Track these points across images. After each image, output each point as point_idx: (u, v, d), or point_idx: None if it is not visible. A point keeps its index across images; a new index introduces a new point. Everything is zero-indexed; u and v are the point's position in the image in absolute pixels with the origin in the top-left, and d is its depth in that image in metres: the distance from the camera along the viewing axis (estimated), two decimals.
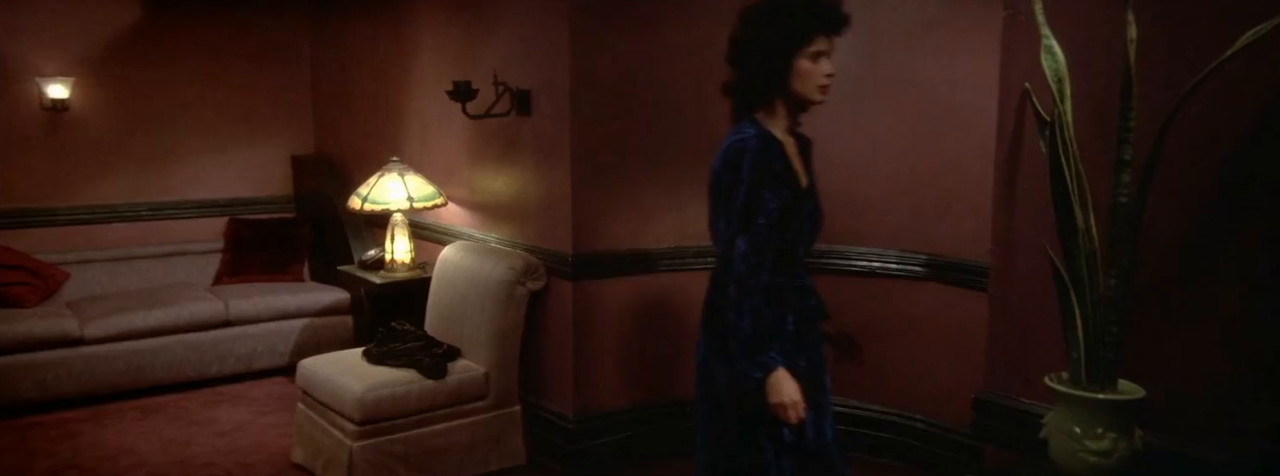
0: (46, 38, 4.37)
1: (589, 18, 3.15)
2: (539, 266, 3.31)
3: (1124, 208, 1.75)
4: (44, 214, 4.44)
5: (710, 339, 2.08)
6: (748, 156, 1.92)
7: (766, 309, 1.94)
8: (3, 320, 3.79)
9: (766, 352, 1.92)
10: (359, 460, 2.97)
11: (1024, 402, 2.15)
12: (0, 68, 4.28)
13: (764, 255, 1.93)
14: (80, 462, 3.31)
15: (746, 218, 1.92)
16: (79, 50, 4.45)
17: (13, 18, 4.28)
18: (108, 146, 4.57)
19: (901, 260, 3.23)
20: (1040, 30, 1.89)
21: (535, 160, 3.39)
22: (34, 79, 4.35)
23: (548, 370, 3.39)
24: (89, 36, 4.47)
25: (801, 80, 1.96)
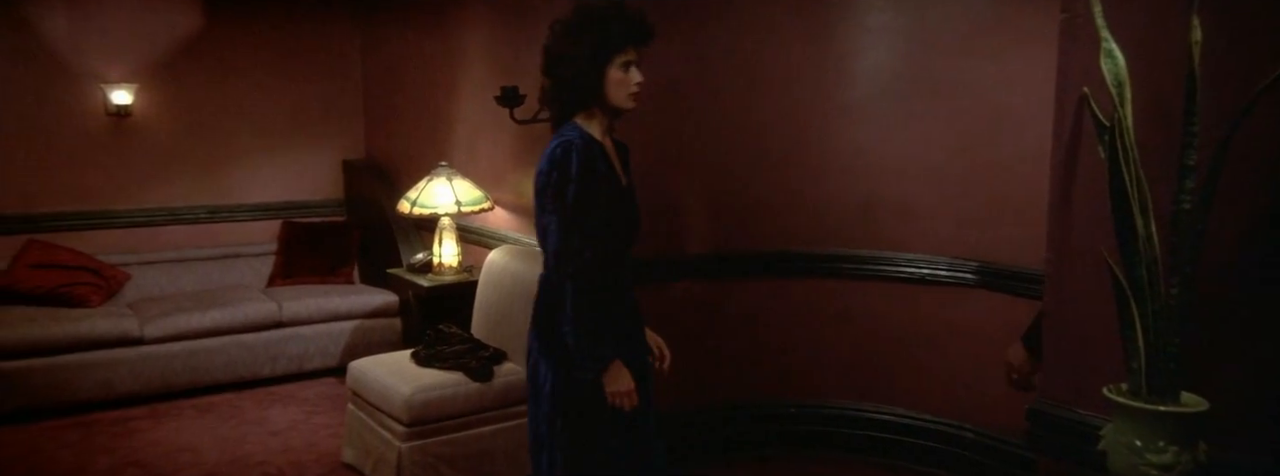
0: (112, 46, 4.51)
1: None
2: None
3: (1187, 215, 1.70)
4: (107, 216, 4.58)
5: (541, 340, 2.12)
6: (575, 155, 1.97)
7: (601, 305, 2.01)
8: (68, 319, 3.92)
9: (602, 347, 2.00)
10: (408, 461, 3.01)
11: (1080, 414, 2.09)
12: (68, 75, 4.43)
13: (597, 252, 1.99)
14: (139, 459, 3.41)
15: (579, 215, 1.97)
16: (142, 58, 4.59)
17: (81, 27, 4.43)
18: (167, 151, 4.70)
19: (951, 267, 3.17)
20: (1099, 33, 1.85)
21: None
22: (99, 86, 4.50)
23: None
24: (151, 45, 4.61)
25: (614, 89, 2.03)
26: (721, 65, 3.32)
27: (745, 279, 3.40)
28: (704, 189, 3.35)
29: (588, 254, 1.97)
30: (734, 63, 3.33)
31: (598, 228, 2.00)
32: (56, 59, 4.39)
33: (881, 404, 3.36)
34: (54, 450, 3.48)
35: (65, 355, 3.84)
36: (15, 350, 3.74)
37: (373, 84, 5.17)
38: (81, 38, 4.44)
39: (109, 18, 4.49)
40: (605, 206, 2.02)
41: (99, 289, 4.25)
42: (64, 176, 4.47)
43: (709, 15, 3.30)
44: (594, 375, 2.02)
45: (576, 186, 1.96)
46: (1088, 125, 2.02)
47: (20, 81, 4.33)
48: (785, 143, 3.38)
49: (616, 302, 2.11)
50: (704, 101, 3.30)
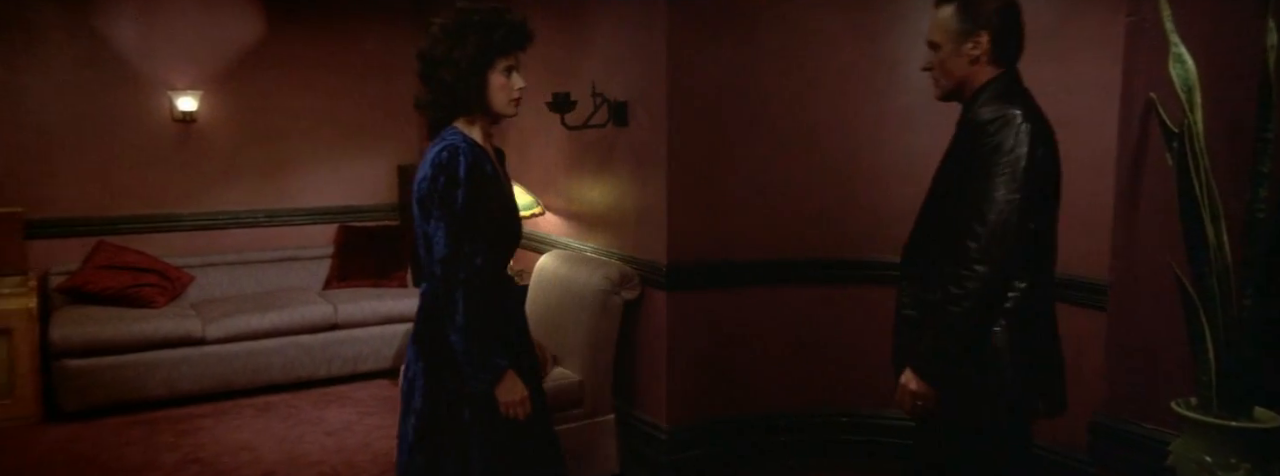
0: (178, 54, 4.66)
1: (685, 30, 3.16)
2: (634, 276, 3.33)
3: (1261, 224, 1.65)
4: (172, 219, 4.73)
5: (422, 353, 2.03)
6: (462, 158, 1.90)
7: (492, 314, 1.95)
8: (136, 319, 4.05)
9: (496, 355, 1.93)
10: None
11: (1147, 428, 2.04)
12: (137, 82, 4.59)
13: (488, 257, 1.94)
14: (202, 456, 3.50)
15: (468, 221, 1.90)
16: (207, 66, 4.73)
17: (150, 37, 4.59)
18: (229, 156, 4.83)
19: None
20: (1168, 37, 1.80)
21: (631, 171, 3.42)
22: (166, 93, 4.65)
23: (641, 380, 3.41)
24: (216, 53, 4.75)
25: (496, 95, 1.99)
26: (773, 70, 3.31)
27: (798, 286, 3.38)
28: (755, 194, 3.33)
29: (478, 260, 1.90)
30: (785, 67, 3.31)
31: (487, 233, 1.93)
32: (127, 67, 4.55)
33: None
34: (122, 446, 3.60)
35: (132, 354, 3.96)
36: (86, 349, 3.87)
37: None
38: (150, 46, 4.60)
39: (176, 27, 4.64)
40: (496, 212, 1.98)
41: (164, 290, 4.39)
42: (132, 180, 4.63)
43: (759, 20, 3.28)
44: (487, 386, 1.93)
45: (465, 191, 1.89)
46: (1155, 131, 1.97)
47: (93, 89, 4.50)
48: (838, 148, 3.35)
49: (506, 309, 2.06)
50: (755, 106, 3.29)
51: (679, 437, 3.27)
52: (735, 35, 3.24)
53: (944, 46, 1.97)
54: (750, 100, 3.28)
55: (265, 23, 4.81)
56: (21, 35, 4.32)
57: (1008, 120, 1.85)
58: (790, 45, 3.29)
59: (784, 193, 3.36)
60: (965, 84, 1.98)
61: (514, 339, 2.08)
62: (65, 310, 4.15)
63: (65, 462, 3.43)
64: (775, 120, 3.32)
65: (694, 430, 3.30)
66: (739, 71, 3.25)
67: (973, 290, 1.81)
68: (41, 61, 4.37)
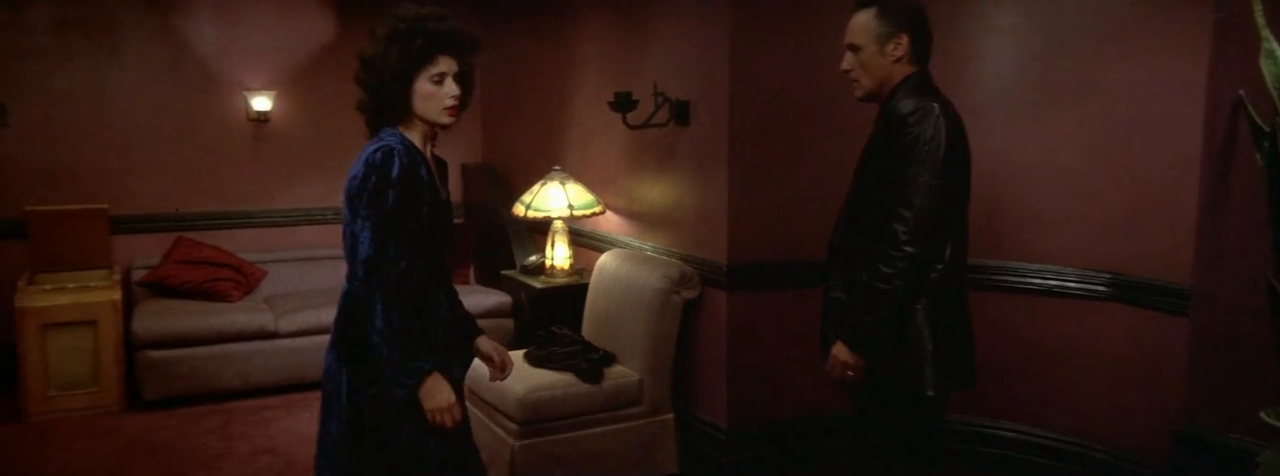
0: (254, 56, 4.81)
1: (749, 28, 3.14)
2: (694, 275, 3.32)
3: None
4: (247, 216, 4.89)
5: (347, 361, 1.95)
6: (396, 159, 1.85)
7: (416, 318, 1.88)
8: (212, 313, 4.20)
9: (418, 360, 1.86)
10: (521, 459, 3.08)
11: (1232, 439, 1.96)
12: (214, 83, 4.75)
13: (414, 261, 1.88)
14: (274, 446, 3.61)
15: (397, 223, 1.85)
16: (280, 67, 4.88)
17: (227, 39, 4.74)
18: (300, 155, 4.97)
19: (1082, 279, 3.01)
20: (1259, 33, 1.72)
21: (692, 170, 3.41)
22: (242, 93, 4.80)
23: (701, 379, 3.40)
24: (289, 54, 4.89)
25: (422, 103, 1.91)
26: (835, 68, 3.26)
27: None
28: (820, 195, 3.29)
29: (402, 265, 1.85)
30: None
31: (415, 238, 1.88)
32: (205, 68, 4.72)
33: (1001, 419, 3.23)
34: (200, 435, 3.73)
35: (208, 346, 4.10)
36: (165, 340, 4.03)
37: (490, 90, 5.32)
38: (227, 48, 4.76)
39: (251, 29, 4.79)
40: (425, 216, 1.90)
41: (239, 285, 4.53)
42: (209, 178, 4.79)
43: (824, 17, 3.24)
44: (409, 391, 1.86)
45: (395, 193, 1.84)
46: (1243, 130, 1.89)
47: (173, 90, 4.67)
48: None
49: (433, 315, 1.97)
50: (820, 105, 3.25)
51: (738, 438, 3.25)
52: (799, 32, 3.20)
53: (866, 48, 2.12)
54: (815, 98, 3.25)
55: (335, 24, 4.94)
56: (109, 39, 4.51)
57: (927, 112, 2.01)
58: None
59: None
60: (885, 83, 2.13)
61: (442, 343, 1.98)
62: (146, 303, 4.32)
63: (147, 449, 3.57)
64: (841, 119, 3.27)
65: (754, 431, 3.28)
66: (803, 69, 3.22)
67: (902, 269, 1.99)
68: (127, 63, 4.56)
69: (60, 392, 3.93)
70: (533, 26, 4.77)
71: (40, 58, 4.39)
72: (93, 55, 4.49)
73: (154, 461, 3.45)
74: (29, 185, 4.39)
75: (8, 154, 4.36)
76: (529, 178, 4.36)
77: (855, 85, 2.17)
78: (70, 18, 4.42)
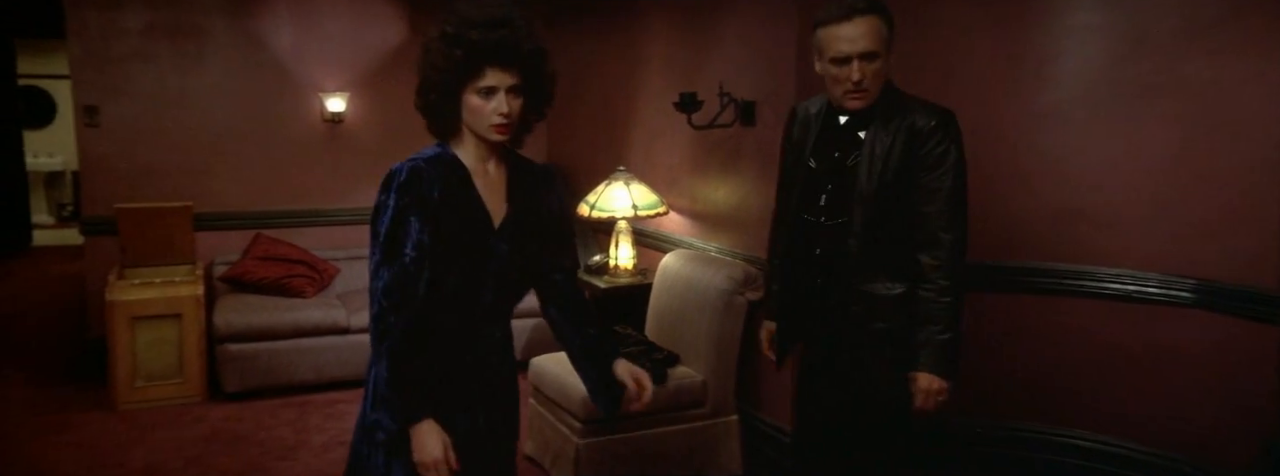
0: (329, 58, 4.95)
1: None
2: (758, 277, 3.31)
3: None
4: (321, 215, 5.04)
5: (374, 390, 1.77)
6: (395, 180, 1.70)
7: (411, 353, 1.69)
8: (288, 308, 4.34)
9: (406, 402, 1.68)
10: (585, 457, 3.11)
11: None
12: (292, 85, 4.90)
13: (408, 292, 1.68)
14: (346, 439, 3.70)
15: (391, 249, 1.68)
16: (354, 69, 5.01)
17: (304, 42, 4.89)
18: (372, 155, 5.09)
19: (1163, 284, 2.91)
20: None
21: (757, 171, 3.40)
22: (317, 94, 4.95)
23: (766, 382, 3.38)
24: (362, 57, 5.02)
25: (471, 117, 1.74)
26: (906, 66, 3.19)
27: None
28: None
29: (396, 296, 1.68)
30: (919, 64, 3.20)
31: (413, 265, 1.69)
32: (283, 71, 4.88)
33: (1076, 428, 3.13)
34: (276, 426, 3.87)
35: (284, 341, 4.24)
36: (245, 335, 4.18)
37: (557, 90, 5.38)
38: (304, 51, 4.91)
39: (328, 32, 4.94)
40: (429, 241, 1.70)
41: (313, 281, 4.68)
42: (286, 177, 4.95)
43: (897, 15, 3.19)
44: (391, 434, 1.70)
45: (391, 215, 1.68)
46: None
47: (253, 91, 4.84)
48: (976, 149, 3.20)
49: (446, 353, 1.77)
50: None
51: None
52: None
53: (883, 56, 2.08)
54: None
55: (407, 27, 5.05)
56: (193, 42, 4.70)
57: (952, 121, 2.07)
58: (924, 40, 3.18)
59: None
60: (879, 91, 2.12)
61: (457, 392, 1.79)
62: (227, 298, 4.49)
63: (228, 439, 3.72)
64: None
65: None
66: None
67: (959, 281, 2.04)
68: (210, 66, 4.74)
69: (147, 383, 4.11)
70: (597, 28, 4.81)
71: (130, 61, 4.59)
72: (178, 59, 4.68)
73: (234, 451, 3.59)
74: (119, 184, 4.60)
75: (100, 154, 4.58)
76: (593, 178, 4.40)
77: (862, 95, 2.09)
78: (159, 23, 4.61)
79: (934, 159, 2.03)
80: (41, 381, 4.48)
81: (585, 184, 4.68)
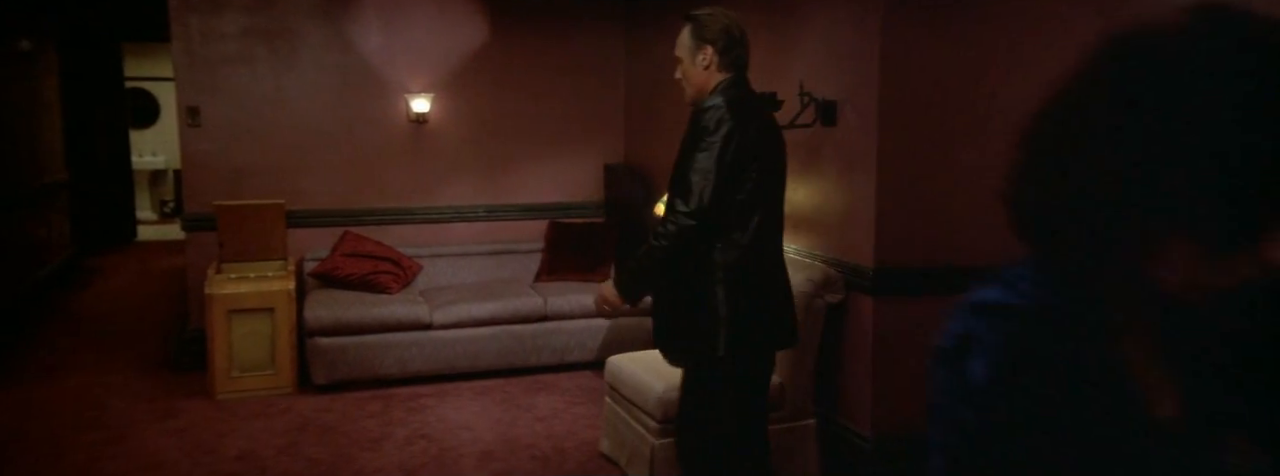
0: (415, 60, 5.08)
1: (901, 24, 3.04)
2: (838, 279, 3.26)
3: None
4: (406, 213, 5.17)
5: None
6: None
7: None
8: (374, 304, 4.47)
9: None
10: (660, 457, 3.12)
11: None
12: (380, 86, 5.05)
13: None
14: (428, 433, 3.82)
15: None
16: (438, 70, 5.13)
17: (391, 44, 5.03)
18: (455, 155, 5.21)
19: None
20: None
21: (837, 171, 3.34)
22: (403, 96, 5.08)
23: (845, 386, 3.33)
24: (446, 59, 5.13)
25: None
26: (998, 64, 3.11)
27: None
28: (976, 198, 3.15)
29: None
30: (1013, 62, 3.11)
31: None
32: (371, 73, 5.02)
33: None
34: (362, 418, 3.99)
35: (370, 335, 4.37)
36: (333, 329, 4.32)
37: (634, 91, 5.41)
38: (391, 53, 5.04)
39: (414, 35, 5.06)
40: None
41: (398, 278, 4.81)
42: (372, 176, 5.10)
43: (984, 10, 3.09)
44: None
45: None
46: None
47: (342, 92, 5.00)
48: None
49: None
50: (978, 104, 3.11)
51: (884, 448, 3.17)
52: (955, 28, 3.08)
53: (683, 60, 2.56)
54: (972, 97, 3.11)
55: (489, 29, 5.14)
56: (287, 45, 4.88)
57: (715, 108, 2.39)
58: (1018, 38, 3.08)
59: None
60: (701, 88, 2.52)
61: None
62: (316, 293, 4.65)
63: (317, 429, 3.85)
64: (1001, 118, 3.12)
65: (901, 441, 3.18)
66: (959, 67, 3.09)
67: (671, 234, 2.37)
68: (302, 68, 4.91)
69: (242, 374, 4.29)
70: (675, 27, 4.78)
71: (229, 64, 4.79)
72: (274, 61, 4.86)
73: (323, 441, 3.72)
74: (218, 182, 4.81)
75: (201, 153, 4.79)
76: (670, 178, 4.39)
77: (684, 92, 2.57)
78: (255, 27, 4.80)
79: (691, 136, 2.41)
80: (148, 369, 4.73)
81: (663, 184, 4.68)
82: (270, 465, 3.45)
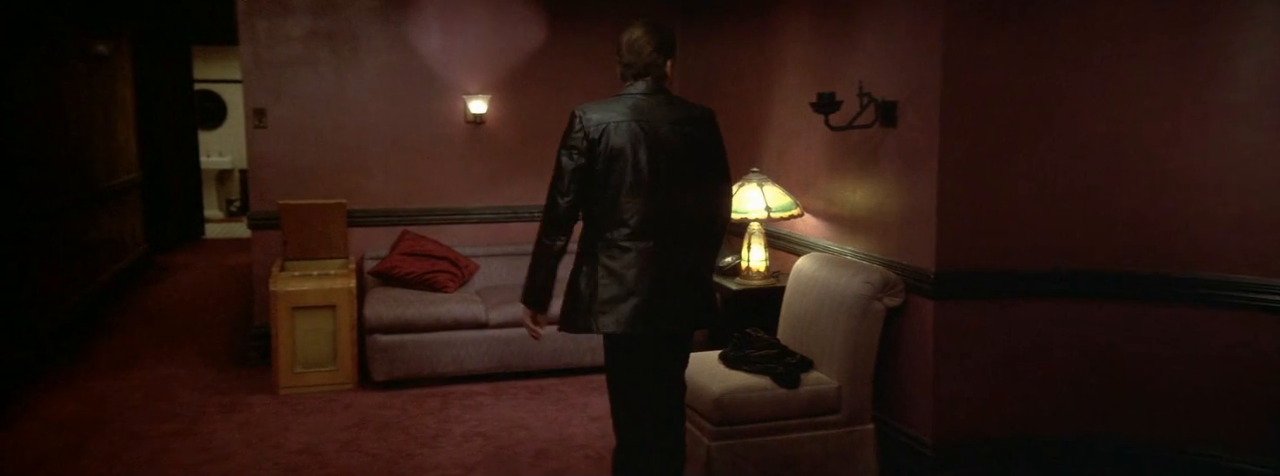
0: (473, 62, 5.14)
1: (964, 23, 2.98)
2: (898, 282, 3.21)
3: None
4: (463, 212, 5.24)
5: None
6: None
7: None
8: (431, 302, 4.54)
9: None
10: (716, 459, 3.11)
11: None
12: (439, 88, 5.12)
13: None
14: (485, 430, 3.86)
15: None
16: (495, 72, 5.18)
17: (450, 46, 5.10)
18: (511, 155, 5.26)
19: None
20: None
21: (897, 172, 3.29)
22: (461, 96, 5.15)
23: (904, 390, 3.28)
24: (502, 61, 5.18)
25: None
26: (1064, 63, 3.03)
27: (1093, 301, 3.08)
28: (1042, 200, 3.08)
29: None
30: (1080, 61, 3.02)
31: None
32: (430, 73, 5.09)
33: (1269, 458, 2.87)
34: (420, 415, 4.05)
35: (428, 334, 4.44)
36: (393, 327, 4.40)
37: (689, 92, 5.39)
38: (450, 55, 5.11)
39: (471, 38, 5.12)
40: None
41: (455, 277, 4.87)
42: (431, 176, 5.17)
43: (1049, 8, 3.01)
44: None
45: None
46: None
47: (402, 93, 5.08)
48: (1145, 151, 3.01)
49: None
50: (1043, 104, 3.04)
51: (945, 454, 3.11)
52: (1020, 27, 3.01)
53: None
54: (1037, 97, 3.04)
55: (545, 30, 5.17)
56: (349, 47, 4.98)
57: (571, 115, 2.79)
58: (1085, 36, 3.00)
59: (1078, 199, 3.07)
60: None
61: None
62: (375, 291, 4.74)
63: (377, 425, 3.93)
64: (1067, 119, 3.05)
65: (962, 448, 3.12)
66: (1024, 67, 3.02)
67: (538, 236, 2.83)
68: (363, 70, 5.01)
69: (305, 370, 4.39)
70: (732, 28, 4.78)
71: (293, 66, 4.91)
72: (336, 63, 4.97)
73: (382, 436, 3.79)
74: (282, 181, 4.93)
75: (266, 153, 4.92)
76: None
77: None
78: (319, 29, 4.91)
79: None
80: (215, 363, 4.87)
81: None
82: (331, 459, 3.53)
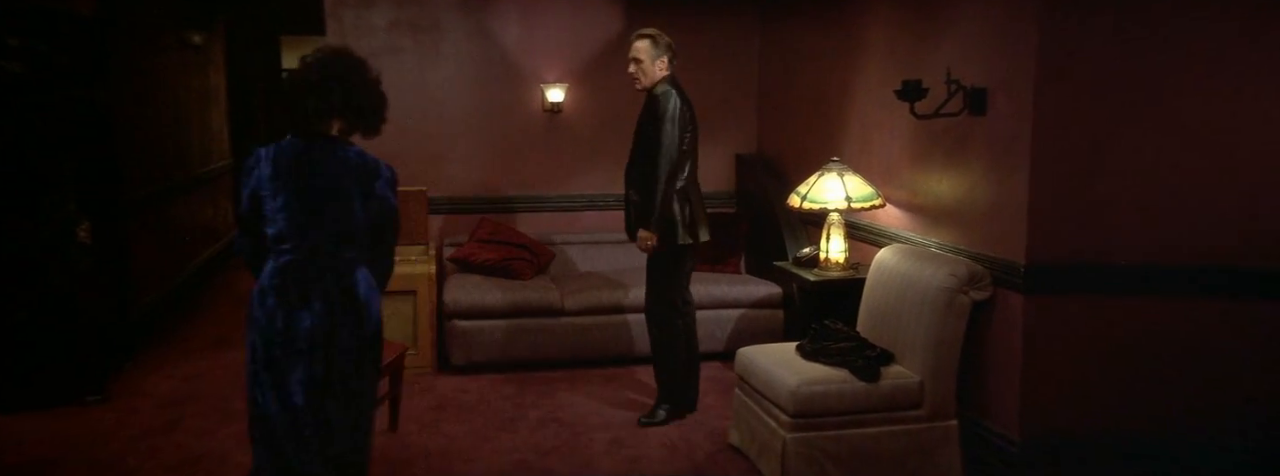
0: (550, 51, 5.18)
1: (1060, 6, 2.86)
2: (985, 275, 3.12)
3: None
4: (539, 200, 5.29)
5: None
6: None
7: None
8: (508, 288, 4.60)
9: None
10: (792, 452, 3.07)
11: None
12: (516, 77, 5.17)
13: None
14: (560, 416, 3.90)
15: None
16: (572, 61, 5.21)
17: (528, 35, 5.14)
18: (587, 144, 5.28)
19: None
20: None
21: (987, 162, 3.19)
22: (538, 86, 5.19)
23: (990, 386, 3.19)
24: (579, 49, 5.20)
25: None
26: (1168, 49, 2.88)
27: (1197, 297, 2.94)
28: (1143, 192, 2.95)
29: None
30: (1186, 47, 2.87)
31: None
32: (508, 62, 5.15)
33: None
34: (497, 400, 4.12)
35: (505, 320, 4.50)
36: (471, 312, 4.47)
37: (768, 81, 5.33)
38: (528, 44, 5.15)
39: (550, 26, 5.16)
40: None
41: (531, 264, 4.93)
42: (509, 165, 5.23)
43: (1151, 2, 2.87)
44: None
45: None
46: None
47: (482, 82, 5.15)
48: (1260, 142, 2.85)
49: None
50: (1145, 92, 2.90)
51: (1033, 452, 3.02)
52: (1121, 10, 2.87)
53: (641, 62, 3.67)
54: (1139, 85, 2.90)
55: (623, 20, 5.17)
56: (430, 37, 5.06)
57: (667, 94, 3.61)
58: (1191, 21, 2.84)
59: (1182, 192, 2.93)
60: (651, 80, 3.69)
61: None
62: (454, 277, 4.82)
63: (456, 408, 4.01)
64: (1170, 108, 2.90)
65: (1051, 446, 3.02)
66: (1124, 52, 2.89)
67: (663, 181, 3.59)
68: (445, 59, 5.09)
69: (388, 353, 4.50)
70: (813, 15, 4.69)
71: (377, 55, 4.95)
72: (418, 53, 5.06)
73: (461, 419, 3.86)
74: None
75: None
76: (803, 169, 4.31)
77: (636, 82, 3.71)
78: (403, 19, 5.01)
79: (653, 115, 3.63)
80: None
81: (795, 175, 4.61)
82: (413, 440, 3.62)
